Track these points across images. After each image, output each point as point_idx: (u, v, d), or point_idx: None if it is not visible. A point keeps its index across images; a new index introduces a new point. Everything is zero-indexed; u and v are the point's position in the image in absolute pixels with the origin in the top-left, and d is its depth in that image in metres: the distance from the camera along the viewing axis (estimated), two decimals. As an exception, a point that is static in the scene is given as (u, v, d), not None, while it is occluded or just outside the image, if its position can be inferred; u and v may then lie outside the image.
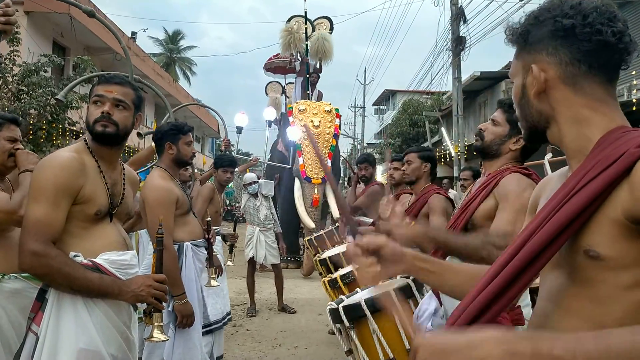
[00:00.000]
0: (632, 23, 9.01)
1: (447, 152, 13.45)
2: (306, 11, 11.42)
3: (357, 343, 2.30)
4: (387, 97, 35.98)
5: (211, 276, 2.97)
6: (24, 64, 9.28)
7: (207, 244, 2.87)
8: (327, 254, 4.44)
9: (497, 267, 0.90)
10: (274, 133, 11.12)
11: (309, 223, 8.71)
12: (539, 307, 0.96)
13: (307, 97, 10.95)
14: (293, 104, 10.42)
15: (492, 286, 0.88)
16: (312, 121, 9.62)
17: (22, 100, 9.21)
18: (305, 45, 11.30)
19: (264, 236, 6.10)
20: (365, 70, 45.21)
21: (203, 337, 2.90)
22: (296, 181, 9.35)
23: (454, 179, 11.66)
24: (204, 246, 2.84)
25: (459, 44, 12.23)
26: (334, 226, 5.93)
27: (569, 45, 0.89)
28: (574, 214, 0.81)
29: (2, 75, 9.02)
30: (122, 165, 1.96)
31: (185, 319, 2.49)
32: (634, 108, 7.65)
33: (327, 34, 11.56)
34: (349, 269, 3.33)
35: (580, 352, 0.62)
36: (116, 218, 1.85)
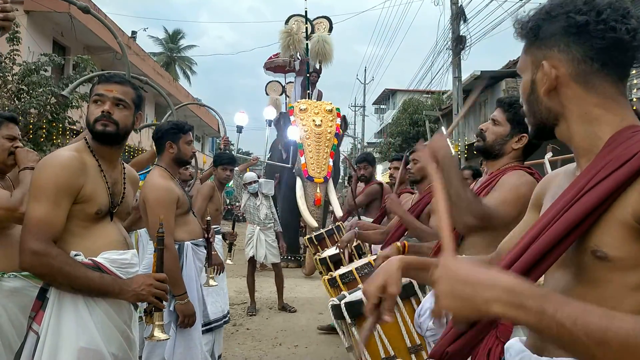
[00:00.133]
0: None
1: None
2: (306, 10, 11.41)
3: (358, 340, 2.30)
4: (387, 96, 35.97)
5: (210, 276, 2.98)
6: (24, 63, 9.27)
7: (206, 243, 2.87)
8: (327, 253, 4.43)
9: (504, 265, 0.89)
10: (274, 132, 11.12)
11: (311, 222, 8.70)
12: None
13: (307, 96, 10.95)
14: (294, 103, 10.41)
15: None
16: (313, 120, 9.62)
17: (22, 99, 9.20)
18: (305, 44, 11.29)
19: (264, 235, 6.10)
20: (365, 70, 45.13)
21: (203, 335, 2.90)
22: (298, 180, 9.33)
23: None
24: (203, 245, 2.84)
25: (459, 43, 12.22)
26: (334, 225, 5.91)
27: (582, 43, 0.86)
28: (583, 214, 0.80)
29: (2, 75, 9.01)
30: (122, 164, 1.96)
31: (186, 319, 2.49)
32: (634, 107, 7.64)
33: (327, 36, 11.55)
34: (349, 268, 3.33)
35: (581, 324, 0.63)
36: (117, 217, 1.86)
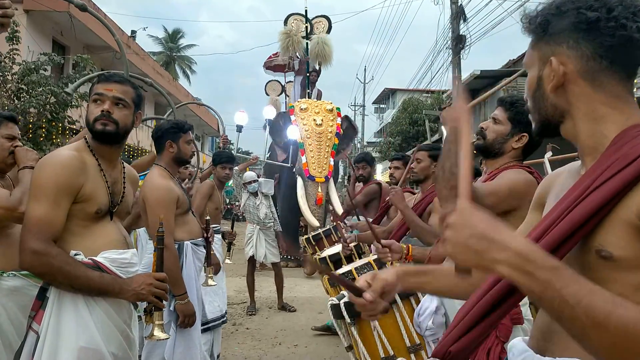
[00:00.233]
0: None
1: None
2: (307, 9, 11.39)
3: (357, 339, 2.30)
4: (387, 95, 35.95)
5: (208, 275, 2.97)
6: (24, 63, 9.27)
7: (205, 243, 2.87)
8: (327, 252, 4.42)
9: None
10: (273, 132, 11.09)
11: (313, 221, 8.68)
12: None
13: (307, 95, 10.94)
14: (294, 102, 10.39)
15: (500, 285, 0.87)
16: (314, 120, 9.60)
17: (22, 98, 9.20)
18: (305, 43, 11.26)
19: (263, 235, 6.11)
20: (365, 69, 45.25)
21: (202, 335, 2.90)
22: (299, 180, 9.29)
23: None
24: (203, 245, 2.84)
25: (459, 42, 12.23)
26: (331, 225, 5.89)
27: (592, 40, 0.85)
28: (588, 214, 0.79)
29: (1, 74, 9.01)
30: (122, 163, 1.96)
31: (187, 319, 2.49)
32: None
33: (327, 37, 11.50)
34: (348, 268, 3.33)
35: (585, 304, 0.64)
36: (116, 216, 1.86)
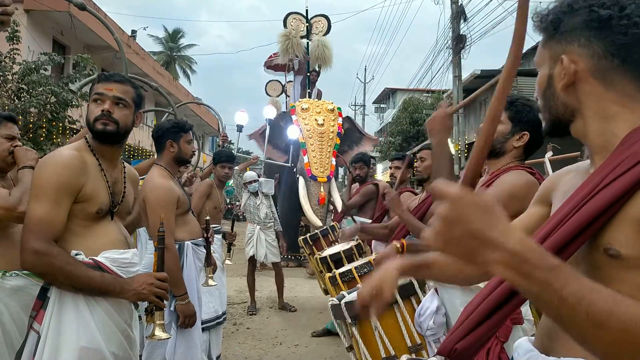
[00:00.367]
0: None
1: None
2: (307, 9, 11.38)
3: (358, 339, 2.29)
4: (387, 95, 35.97)
5: (209, 275, 2.97)
6: (24, 62, 9.28)
7: (205, 243, 2.87)
8: (327, 252, 4.42)
9: None
10: (274, 132, 11.07)
11: (315, 221, 8.66)
12: None
13: (307, 95, 10.93)
14: (295, 102, 10.39)
15: (507, 283, 0.86)
16: (316, 120, 9.60)
17: (22, 98, 9.21)
18: (306, 43, 11.24)
19: (264, 235, 6.10)
20: (365, 69, 45.36)
21: (200, 335, 2.90)
22: (301, 180, 9.26)
23: (455, 178, 11.64)
24: (203, 245, 2.84)
25: (459, 42, 12.24)
26: (329, 225, 5.87)
27: (604, 38, 0.84)
28: (597, 212, 0.79)
29: (2, 74, 9.02)
30: (122, 163, 1.96)
31: (187, 319, 2.49)
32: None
33: (327, 40, 11.45)
34: (349, 267, 3.33)
35: (586, 303, 0.61)
36: (117, 216, 1.86)
